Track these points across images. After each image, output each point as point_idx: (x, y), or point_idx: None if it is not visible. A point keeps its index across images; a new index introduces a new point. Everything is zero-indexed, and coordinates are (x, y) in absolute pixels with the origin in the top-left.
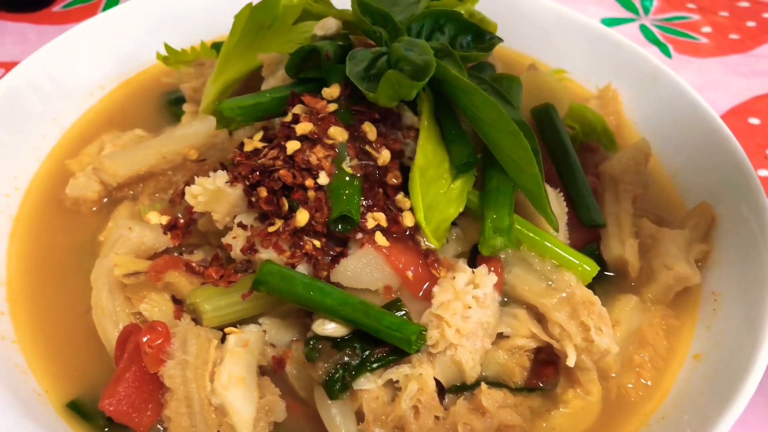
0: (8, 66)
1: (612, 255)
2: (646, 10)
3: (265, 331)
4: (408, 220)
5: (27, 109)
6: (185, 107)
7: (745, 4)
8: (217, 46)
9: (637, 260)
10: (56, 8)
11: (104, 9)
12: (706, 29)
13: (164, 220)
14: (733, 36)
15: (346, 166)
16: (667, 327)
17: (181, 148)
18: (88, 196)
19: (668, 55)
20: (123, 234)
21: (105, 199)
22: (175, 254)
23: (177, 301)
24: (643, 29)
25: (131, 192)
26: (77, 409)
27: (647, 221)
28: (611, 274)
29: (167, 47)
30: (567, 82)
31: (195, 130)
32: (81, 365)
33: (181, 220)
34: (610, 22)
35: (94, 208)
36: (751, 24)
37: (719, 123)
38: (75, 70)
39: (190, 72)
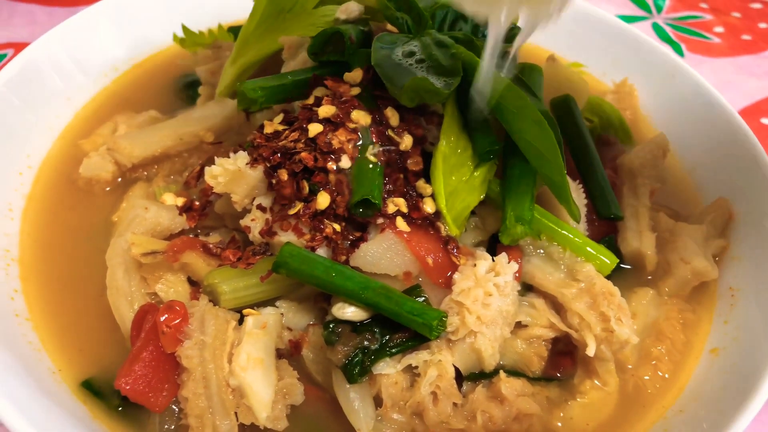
0: (18, 47)
1: (629, 248)
2: (659, 9)
3: (282, 314)
4: (429, 206)
5: (40, 88)
6: (201, 90)
7: (758, 6)
8: (234, 30)
9: (654, 254)
10: None
11: None
12: (719, 29)
13: (180, 201)
14: (746, 37)
15: (369, 150)
16: (684, 321)
17: (198, 130)
18: (102, 176)
19: (681, 54)
20: (139, 214)
21: (119, 180)
22: (191, 236)
23: (193, 283)
24: (656, 28)
25: (145, 173)
26: (92, 388)
27: (664, 215)
28: (628, 267)
29: (185, 29)
30: (584, 76)
31: (212, 112)
32: (95, 344)
33: (197, 203)
34: (622, 20)
35: (108, 189)
36: (763, 26)
37: (738, 120)
38: (90, 50)
39: (208, 54)
